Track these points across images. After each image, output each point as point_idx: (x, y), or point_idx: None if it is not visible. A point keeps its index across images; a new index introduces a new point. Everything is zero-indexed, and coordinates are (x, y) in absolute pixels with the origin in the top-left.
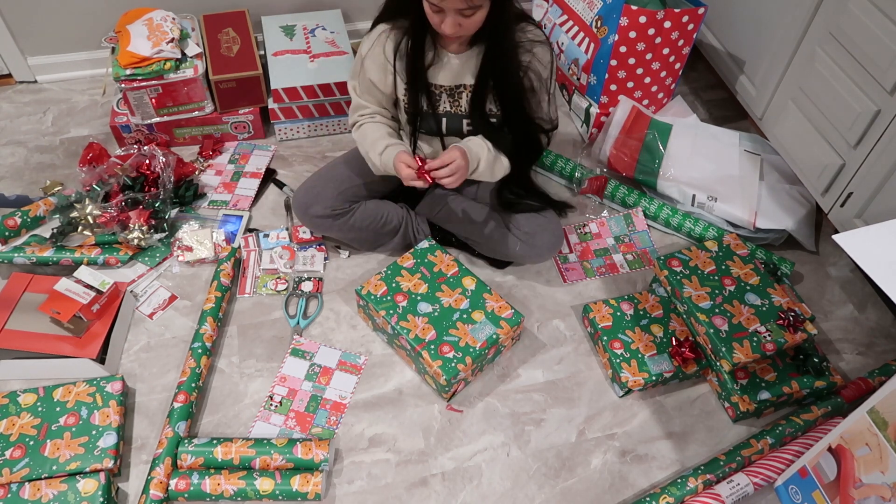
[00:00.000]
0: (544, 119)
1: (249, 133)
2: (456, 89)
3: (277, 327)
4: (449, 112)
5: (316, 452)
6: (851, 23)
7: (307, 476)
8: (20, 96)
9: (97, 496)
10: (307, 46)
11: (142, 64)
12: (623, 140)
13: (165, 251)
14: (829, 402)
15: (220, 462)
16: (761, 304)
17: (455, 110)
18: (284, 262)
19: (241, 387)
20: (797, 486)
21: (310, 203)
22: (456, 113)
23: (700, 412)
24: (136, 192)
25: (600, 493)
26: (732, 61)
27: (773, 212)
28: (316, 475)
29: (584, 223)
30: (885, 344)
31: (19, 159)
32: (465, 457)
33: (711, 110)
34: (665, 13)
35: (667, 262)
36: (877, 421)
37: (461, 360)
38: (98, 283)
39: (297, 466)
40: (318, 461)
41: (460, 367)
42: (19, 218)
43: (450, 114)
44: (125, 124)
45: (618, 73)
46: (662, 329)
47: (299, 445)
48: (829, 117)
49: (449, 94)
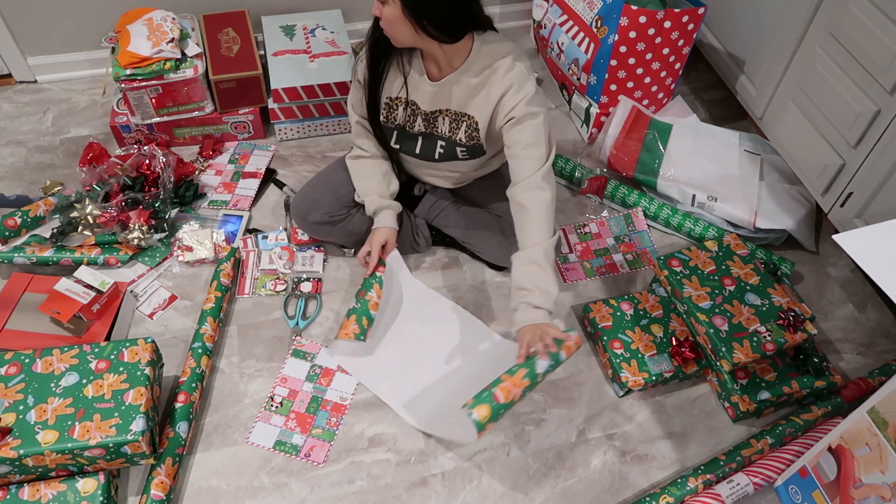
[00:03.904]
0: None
1: (249, 133)
2: (431, 114)
3: (277, 327)
4: (424, 132)
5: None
6: (851, 23)
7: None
8: (20, 96)
9: (97, 496)
10: (307, 46)
11: (142, 64)
12: (623, 140)
13: (165, 251)
14: (829, 402)
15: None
16: (761, 304)
17: (431, 131)
18: (283, 262)
19: (241, 387)
20: (797, 486)
21: (308, 210)
22: (432, 134)
23: (700, 412)
24: (136, 192)
25: (600, 493)
26: (732, 61)
27: (773, 212)
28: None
29: (584, 223)
30: (885, 344)
31: (19, 159)
32: (465, 457)
33: (711, 110)
34: (665, 13)
35: (667, 262)
36: (877, 421)
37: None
38: (98, 283)
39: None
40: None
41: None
42: (19, 218)
43: (425, 134)
44: (125, 124)
45: (618, 73)
46: (662, 329)
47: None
48: (829, 117)
49: (424, 118)
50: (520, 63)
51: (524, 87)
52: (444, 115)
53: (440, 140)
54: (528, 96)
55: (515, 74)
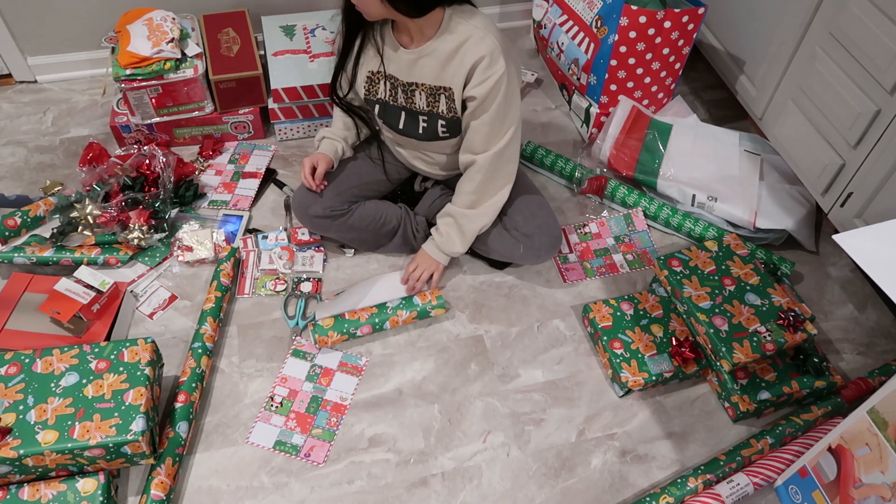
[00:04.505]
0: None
1: (249, 133)
2: (409, 86)
3: (277, 327)
4: (405, 107)
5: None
6: (851, 23)
7: (424, 295)
8: (20, 96)
9: (97, 496)
10: (307, 46)
11: (142, 64)
12: (623, 140)
13: (165, 251)
14: (829, 402)
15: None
16: (761, 304)
17: (410, 106)
18: (283, 262)
19: (241, 387)
20: (797, 486)
21: (309, 203)
22: (411, 109)
23: (700, 412)
24: (136, 192)
25: (600, 493)
26: (732, 61)
27: (773, 212)
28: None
29: (584, 223)
30: (885, 344)
31: (19, 159)
32: (465, 457)
33: (711, 110)
34: (665, 13)
35: (667, 262)
36: (877, 421)
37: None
38: (98, 283)
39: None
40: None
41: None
42: (19, 218)
43: (407, 109)
44: (125, 124)
45: (618, 73)
46: (662, 329)
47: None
48: (829, 117)
49: (404, 91)
50: (492, 35)
51: (496, 63)
52: (420, 90)
53: (421, 115)
54: (496, 74)
55: (487, 45)
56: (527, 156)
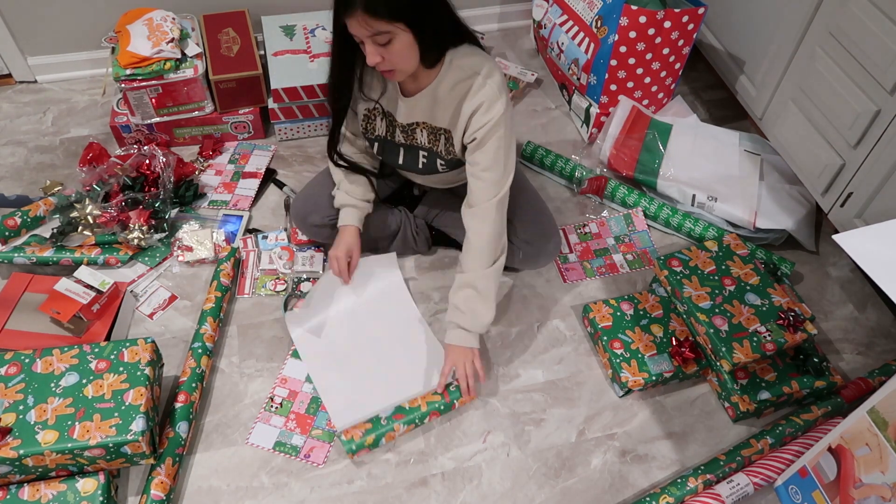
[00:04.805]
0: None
1: (249, 133)
2: (408, 126)
3: (277, 327)
4: (404, 143)
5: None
6: (851, 23)
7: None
8: (20, 96)
9: (97, 496)
10: (307, 46)
11: (142, 64)
12: (623, 140)
13: (165, 251)
14: (829, 402)
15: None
16: (761, 304)
17: (410, 142)
18: (283, 262)
19: (241, 387)
20: (797, 486)
21: (308, 212)
22: (412, 145)
23: (700, 412)
24: (136, 192)
25: (600, 493)
26: (732, 61)
27: (773, 212)
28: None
29: (584, 223)
30: (885, 344)
31: (19, 159)
32: (465, 457)
33: (711, 110)
34: (665, 13)
35: (667, 262)
36: (877, 421)
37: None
38: (98, 283)
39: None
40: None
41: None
42: (19, 218)
43: (406, 146)
44: (125, 124)
45: (618, 73)
46: (662, 329)
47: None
48: (829, 117)
49: (403, 130)
50: (492, 80)
51: (493, 108)
52: (421, 128)
53: (421, 150)
54: (494, 119)
55: (486, 93)
56: (527, 156)
